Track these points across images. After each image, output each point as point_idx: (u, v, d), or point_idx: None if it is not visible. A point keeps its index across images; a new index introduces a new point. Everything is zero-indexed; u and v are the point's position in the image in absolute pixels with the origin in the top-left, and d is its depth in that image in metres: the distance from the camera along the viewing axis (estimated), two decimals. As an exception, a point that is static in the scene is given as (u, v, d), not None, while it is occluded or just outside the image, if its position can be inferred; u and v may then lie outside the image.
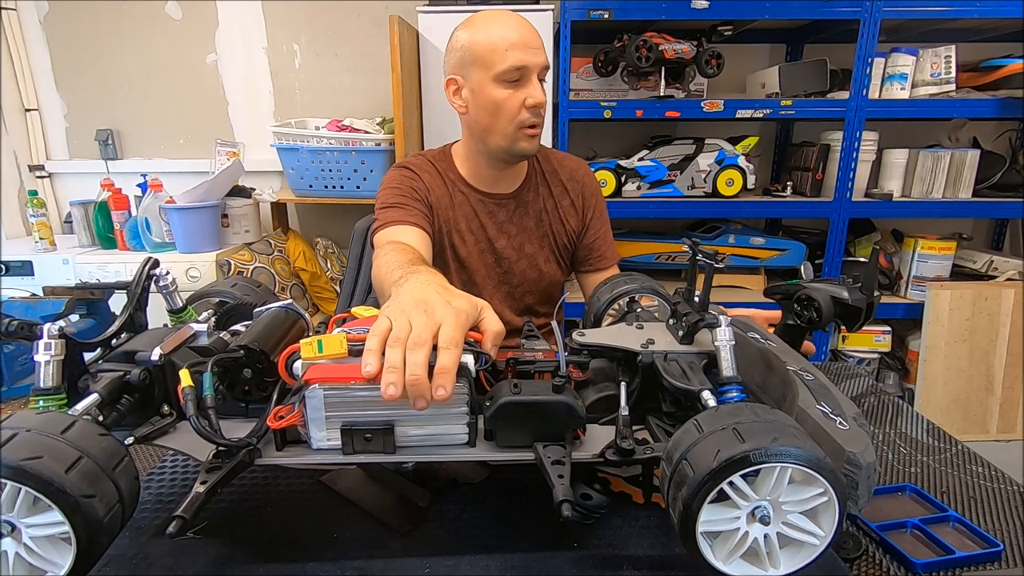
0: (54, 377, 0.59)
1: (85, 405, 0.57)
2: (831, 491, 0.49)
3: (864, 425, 0.57)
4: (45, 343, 0.58)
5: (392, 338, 0.54)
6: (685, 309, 0.69)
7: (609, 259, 1.25)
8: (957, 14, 1.95)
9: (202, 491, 0.52)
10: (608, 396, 0.67)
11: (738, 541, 0.51)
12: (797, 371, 0.63)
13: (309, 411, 0.57)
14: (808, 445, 0.49)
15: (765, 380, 0.67)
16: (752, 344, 0.69)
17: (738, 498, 0.49)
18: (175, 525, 0.49)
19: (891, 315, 2.25)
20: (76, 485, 0.46)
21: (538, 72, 1.06)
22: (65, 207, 2.51)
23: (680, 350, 0.66)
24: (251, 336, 0.66)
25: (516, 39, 1.03)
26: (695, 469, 0.49)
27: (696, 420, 0.53)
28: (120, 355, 0.65)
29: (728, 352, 0.60)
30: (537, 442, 0.59)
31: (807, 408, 0.57)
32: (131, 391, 0.62)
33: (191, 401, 0.56)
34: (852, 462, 0.52)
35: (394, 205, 1.11)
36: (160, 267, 0.75)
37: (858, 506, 0.54)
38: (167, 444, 0.62)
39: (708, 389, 0.59)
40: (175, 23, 2.38)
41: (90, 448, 0.49)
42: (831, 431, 0.54)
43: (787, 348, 0.69)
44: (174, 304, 0.77)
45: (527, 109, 1.05)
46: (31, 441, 0.47)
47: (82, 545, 0.47)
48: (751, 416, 0.51)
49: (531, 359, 0.66)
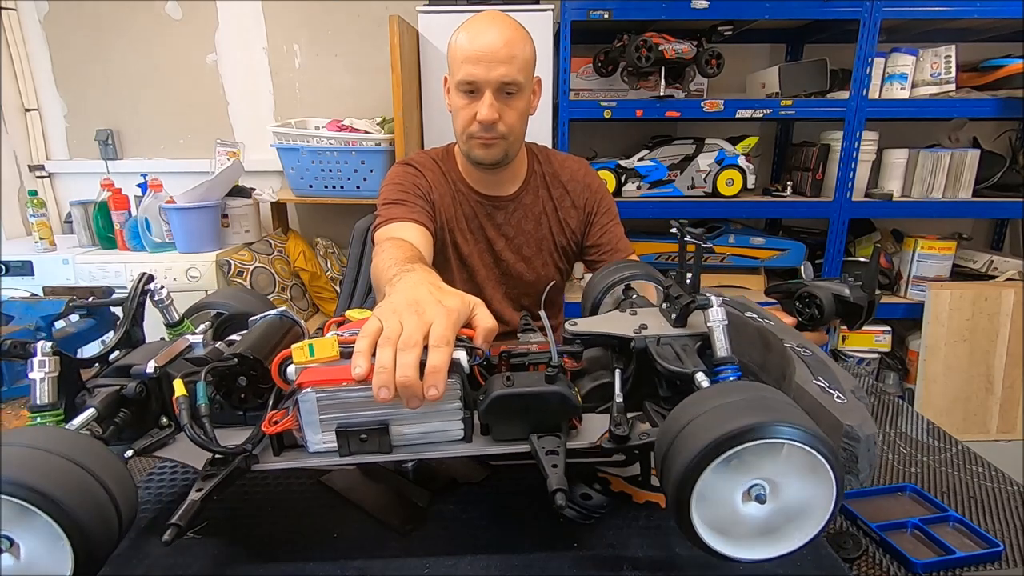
0: (50, 394, 0.59)
1: (82, 420, 0.57)
2: (827, 467, 0.48)
3: (863, 398, 0.56)
4: (39, 360, 0.58)
5: (383, 339, 0.54)
6: (677, 292, 0.68)
7: (622, 252, 1.24)
8: (957, 14, 1.95)
9: (197, 499, 0.53)
10: (604, 384, 0.66)
11: (736, 522, 0.50)
12: (794, 347, 0.62)
13: (303, 415, 0.57)
14: (802, 420, 0.48)
15: (765, 359, 0.66)
16: (750, 324, 0.68)
17: (732, 478, 0.49)
18: (170, 533, 0.49)
19: (891, 315, 2.25)
20: (77, 502, 0.46)
21: (495, 87, 1.04)
22: (65, 207, 2.51)
23: (673, 333, 0.66)
24: (245, 344, 0.66)
25: (471, 52, 1.03)
26: (685, 452, 0.48)
27: (685, 403, 0.52)
28: (116, 370, 0.65)
29: (721, 332, 0.60)
30: (533, 433, 0.59)
31: (804, 383, 0.57)
32: (128, 404, 0.62)
33: (185, 410, 0.56)
34: (850, 435, 0.51)
35: (396, 202, 1.11)
36: (154, 282, 0.75)
37: (859, 480, 0.52)
38: (165, 455, 0.62)
39: (702, 371, 0.58)
40: (175, 23, 2.38)
41: (92, 464, 0.49)
42: (828, 405, 0.53)
43: (784, 326, 0.68)
44: (171, 318, 0.77)
45: (478, 123, 1.06)
46: (33, 458, 0.47)
47: (80, 562, 0.47)
48: (740, 394, 0.50)
49: (524, 352, 0.65)
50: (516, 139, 1.12)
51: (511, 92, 1.06)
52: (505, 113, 1.07)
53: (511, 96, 1.06)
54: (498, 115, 1.06)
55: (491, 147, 1.09)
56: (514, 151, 1.13)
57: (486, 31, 1.05)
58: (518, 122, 1.09)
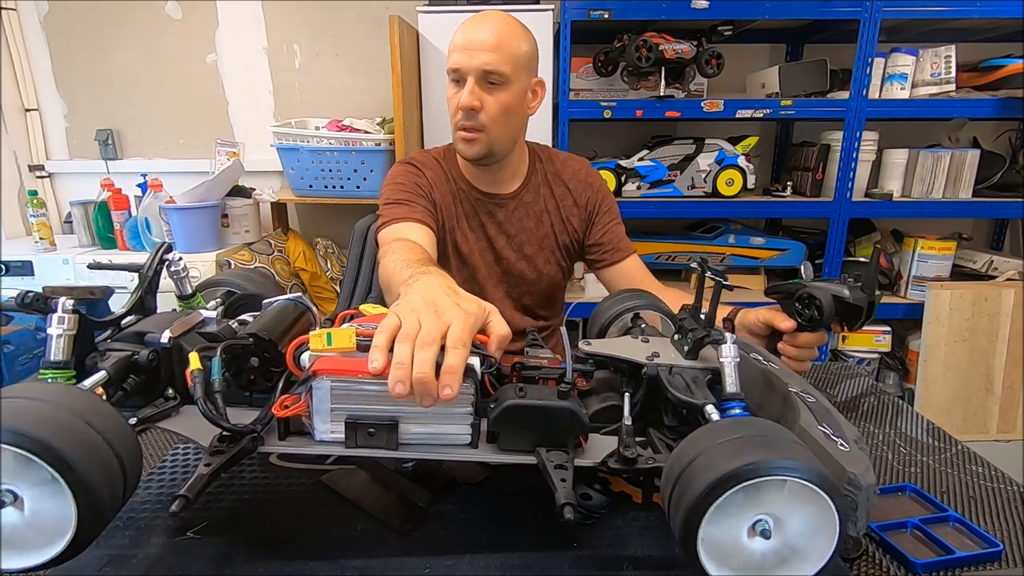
0: (64, 351, 0.59)
1: (93, 382, 0.57)
2: (831, 506, 0.48)
3: (864, 448, 0.57)
4: (59, 316, 0.59)
5: (401, 335, 0.54)
6: (691, 325, 0.69)
7: (623, 251, 1.24)
8: (957, 14, 1.95)
9: (206, 472, 0.53)
10: (611, 406, 0.67)
11: (741, 557, 0.50)
12: (799, 392, 0.63)
13: (315, 402, 0.57)
14: (810, 459, 0.49)
15: (764, 400, 0.68)
16: (754, 365, 0.70)
17: (739, 512, 0.49)
18: (178, 504, 0.49)
19: (891, 315, 2.25)
20: (83, 459, 0.46)
21: (477, 75, 1.04)
22: (65, 207, 2.51)
23: (685, 364, 0.67)
24: (260, 325, 0.66)
25: (460, 42, 1.05)
26: (696, 483, 0.48)
27: (697, 434, 0.53)
28: (129, 335, 0.65)
29: (732, 368, 0.61)
30: (540, 447, 0.59)
31: (809, 428, 0.58)
32: (138, 371, 0.63)
33: (200, 384, 0.56)
34: (852, 483, 0.52)
35: (398, 201, 1.11)
36: (173, 252, 0.75)
37: (856, 528, 0.54)
38: (170, 427, 0.62)
39: (712, 403, 0.59)
40: (175, 23, 2.38)
41: (100, 424, 0.49)
42: (832, 452, 0.55)
43: (789, 371, 0.70)
44: (184, 290, 0.77)
45: (459, 109, 1.06)
46: (45, 413, 0.47)
47: (83, 519, 0.47)
48: (753, 430, 0.51)
49: (536, 364, 0.66)
50: (499, 135, 1.09)
51: (494, 83, 1.05)
52: (487, 103, 1.06)
53: (495, 87, 1.06)
54: (479, 103, 1.05)
55: (472, 142, 1.08)
56: (500, 149, 1.11)
57: (478, 25, 1.06)
58: (501, 116, 1.07)
